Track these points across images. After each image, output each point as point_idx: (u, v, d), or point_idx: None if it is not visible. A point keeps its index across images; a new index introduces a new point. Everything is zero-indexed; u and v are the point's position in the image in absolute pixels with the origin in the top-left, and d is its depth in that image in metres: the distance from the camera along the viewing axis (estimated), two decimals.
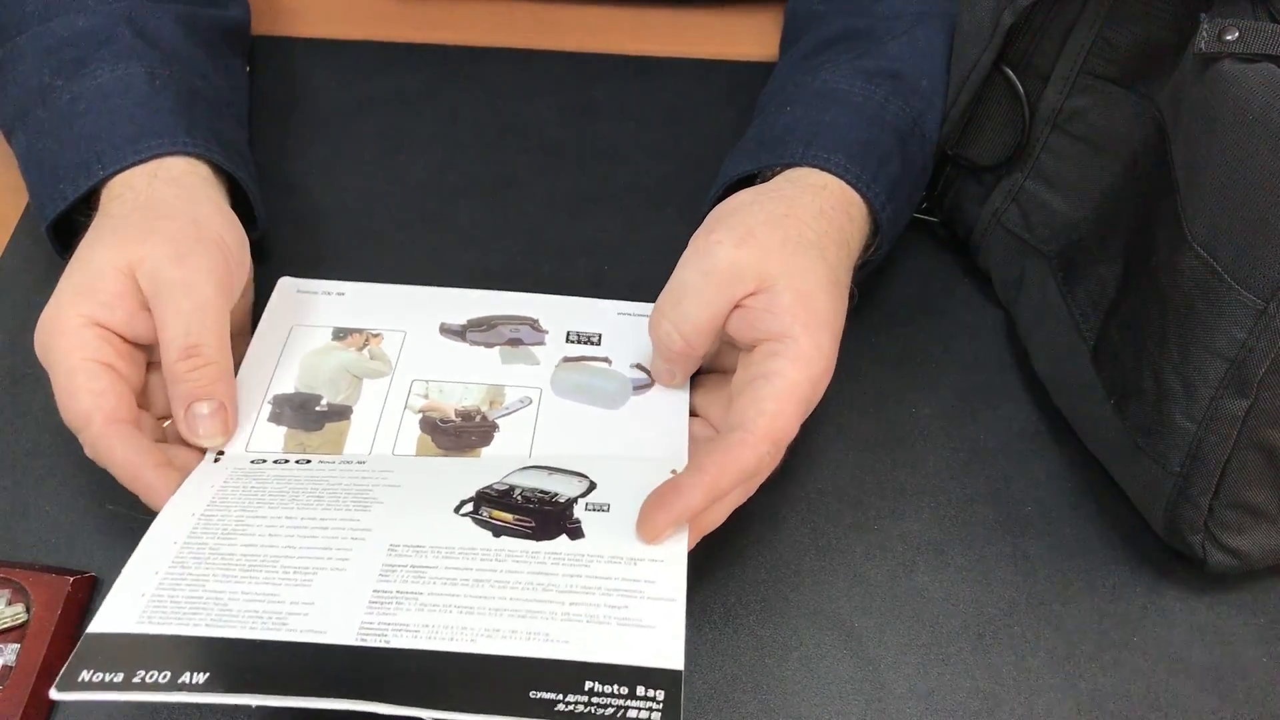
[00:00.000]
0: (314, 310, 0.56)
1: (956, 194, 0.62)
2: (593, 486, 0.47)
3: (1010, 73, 0.56)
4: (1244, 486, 0.48)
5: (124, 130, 0.52)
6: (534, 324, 0.56)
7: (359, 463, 0.49)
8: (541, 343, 0.56)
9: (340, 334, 0.55)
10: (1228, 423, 0.46)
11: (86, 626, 0.48)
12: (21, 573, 0.48)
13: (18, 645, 0.46)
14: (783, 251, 0.48)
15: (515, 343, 0.55)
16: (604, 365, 0.55)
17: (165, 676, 0.39)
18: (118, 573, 0.49)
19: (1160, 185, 0.47)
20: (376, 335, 0.55)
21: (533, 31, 0.74)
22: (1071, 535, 0.54)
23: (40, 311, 0.58)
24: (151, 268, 0.47)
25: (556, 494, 0.47)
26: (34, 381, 0.56)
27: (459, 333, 0.56)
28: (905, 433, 0.57)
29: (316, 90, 0.70)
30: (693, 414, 0.52)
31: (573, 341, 0.56)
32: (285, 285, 0.57)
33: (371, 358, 0.54)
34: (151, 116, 0.53)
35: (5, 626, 0.47)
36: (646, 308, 0.56)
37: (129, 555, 0.50)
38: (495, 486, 0.47)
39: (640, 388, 0.53)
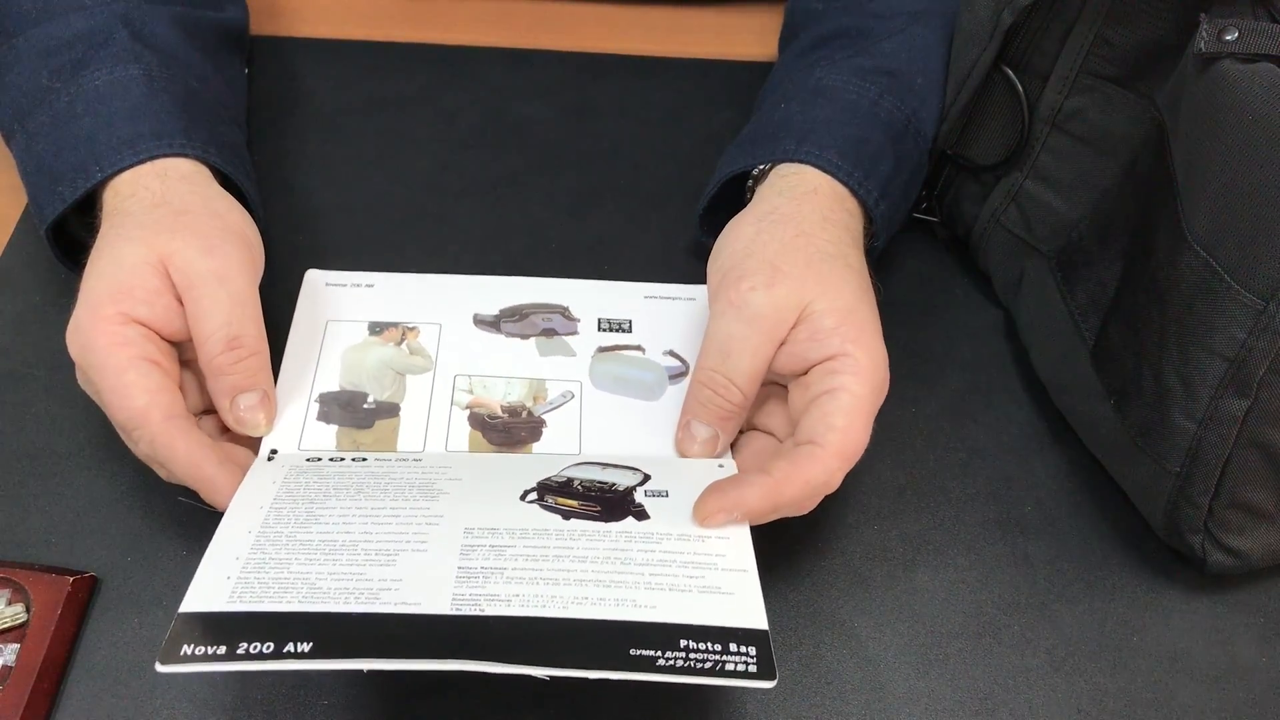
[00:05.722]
0: (346, 304, 0.56)
1: (956, 194, 0.62)
2: (647, 478, 0.48)
3: (1010, 72, 0.56)
4: (1244, 486, 0.48)
5: (121, 132, 0.52)
6: (565, 312, 0.57)
7: (415, 460, 0.50)
8: (575, 332, 0.56)
9: (376, 329, 0.55)
10: (1228, 423, 0.46)
11: (88, 627, 0.48)
12: (21, 573, 0.48)
13: (18, 645, 0.46)
14: (809, 275, 0.48)
15: (549, 333, 0.56)
16: (639, 354, 0.55)
17: (269, 647, 0.39)
18: (118, 573, 0.50)
19: (1160, 185, 0.47)
20: (413, 329, 0.56)
21: (533, 31, 0.74)
22: (1071, 535, 0.54)
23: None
24: (184, 261, 0.47)
25: (615, 484, 0.48)
26: (34, 381, 0.56)
27: (493, 323, 0.56)
28: (905, 433, 0.58)
29: (316, 90, 0.70)
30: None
31: (605, 330, 0.56)
32: (313, 278, 0.57)
33: (411, 352, 0.54)
34: (149, 119, 0.53)
35: (5, 626, 0.47)
36: (673, 289, 0.58)
37: (129, 555, 0.51)
38: (554, 479, 0.48)
39: (675, 376, 0.54)
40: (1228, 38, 0.43)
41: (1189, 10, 0.47)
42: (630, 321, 0.57)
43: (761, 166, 0.56)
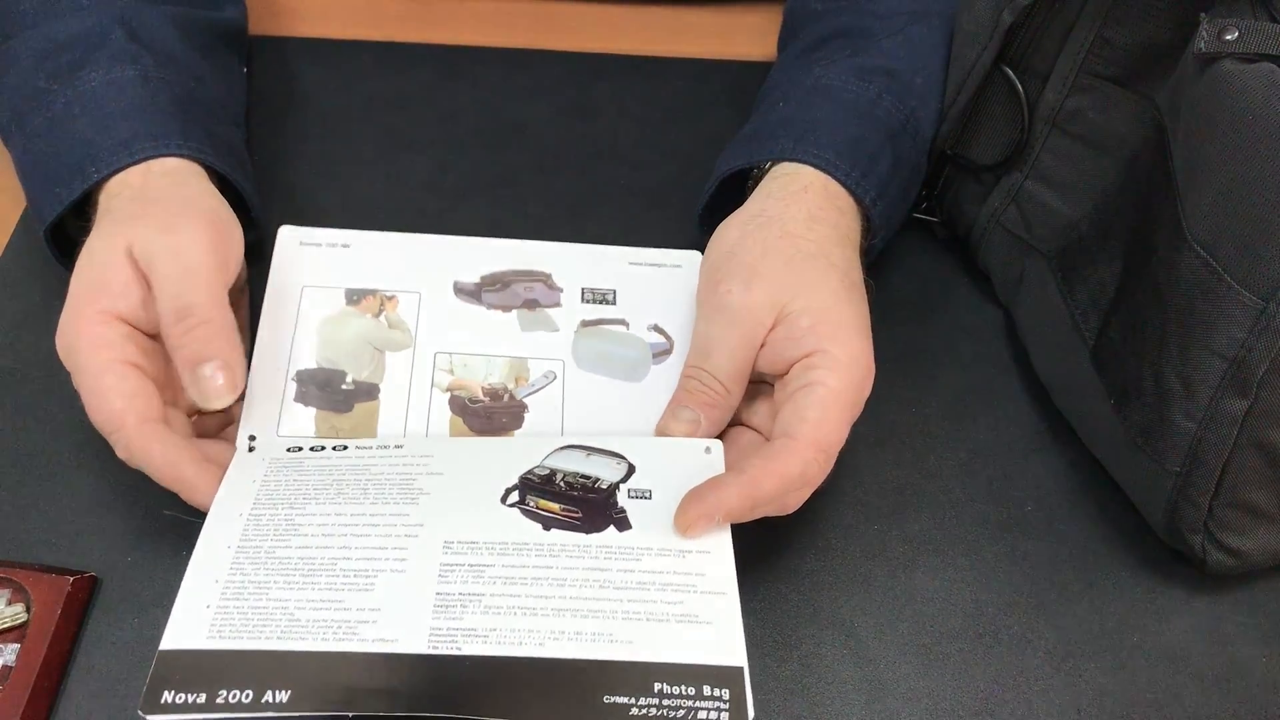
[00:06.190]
0: (322, 268, 0.56)
1: (956, 194, 0.62)
2: (632, 469, 0.48)
3: (1010, 72, 0.56)
4: (1244, 486, 0.48)
5: (118, 133, 0.52)
6: (547, 280, 0.56)
7: (396, 447, 0.49)
8: (557, 303, 0.56)
9: (354, 297, 0.55)
10: (1228, 423, 0.46)
11: (87, 627, 0.48)
12: (21, 573, 0.48)
13: (18, 645, 0.46)
14: (788, 275, 0.49)
15: (532, 304, 0.55)
16: (622, 330, 0.55)
17: (249, 696, 0.39)
18: (118, 573, 0.50)
19: (1160, 185, 0.47)
20: (391, 298, 0.55)
21: (533, 31, 0.74)
22: (1071, 535, 0.54)
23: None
24: (142, 243, 0.47)
25: (598, 479, 0.47)
26: (34, 382, 0.56)
27: (474, 293, 0.56)
28: (905, 433, 0.57)
29: (316, 90, 0.70)
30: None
31: (588, 301, 0.56)
32: (287, 236, 0.57)
33: (390, 325, 0.54)
34: (146, 119, 0.53)
35: (5, 626, 0.47)
36: (658, 255, 0.58)
37: (129, 555, 0.51)
38: (536, 471, 0.48)
39: (659, 354, 0.54)
40: (1228, 38, 0.43)
41: (1189, 10, 0.47)
42: (614, 292, 0.56)
43: (762, 165, 0.56)
